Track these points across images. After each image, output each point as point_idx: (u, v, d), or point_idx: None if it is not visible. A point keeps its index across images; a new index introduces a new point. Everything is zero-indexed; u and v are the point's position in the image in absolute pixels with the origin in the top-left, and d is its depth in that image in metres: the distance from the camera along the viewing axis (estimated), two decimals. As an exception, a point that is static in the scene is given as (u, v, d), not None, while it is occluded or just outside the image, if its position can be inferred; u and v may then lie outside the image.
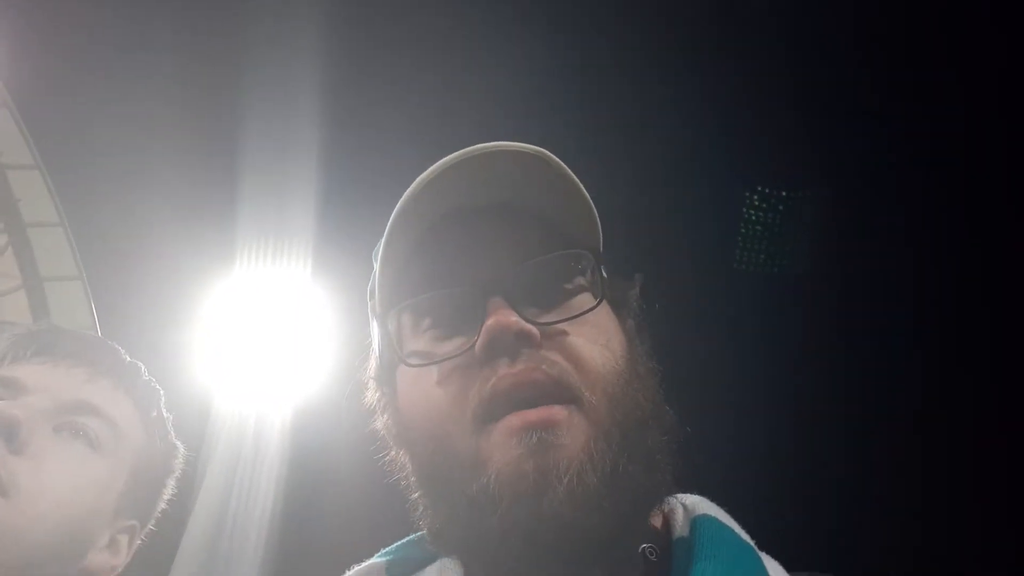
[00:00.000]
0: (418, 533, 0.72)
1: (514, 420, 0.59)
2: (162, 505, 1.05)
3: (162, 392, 1.05)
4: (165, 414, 1.04)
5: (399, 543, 0.74)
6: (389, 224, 0.67)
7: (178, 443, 1.06)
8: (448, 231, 0.68)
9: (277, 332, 4.36)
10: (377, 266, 0.70)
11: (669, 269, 4.17)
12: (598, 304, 0.66)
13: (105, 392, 0.93)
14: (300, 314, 4.40)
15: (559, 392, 0.61)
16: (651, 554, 0.63)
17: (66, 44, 4.09)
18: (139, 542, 1.02)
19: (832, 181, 4.52)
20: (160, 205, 4.38)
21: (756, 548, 0.66)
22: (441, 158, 0.67)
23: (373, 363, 0.76)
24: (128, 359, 1.02)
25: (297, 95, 4.03)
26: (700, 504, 0.69)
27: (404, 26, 4.19)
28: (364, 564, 0.72)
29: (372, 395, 0.76)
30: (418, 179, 0.66)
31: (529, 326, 0.62)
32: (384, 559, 0.72)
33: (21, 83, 4.28)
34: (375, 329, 0.74)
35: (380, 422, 0.74)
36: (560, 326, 0.64)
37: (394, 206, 0.68)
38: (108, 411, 0.91)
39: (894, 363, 4.59)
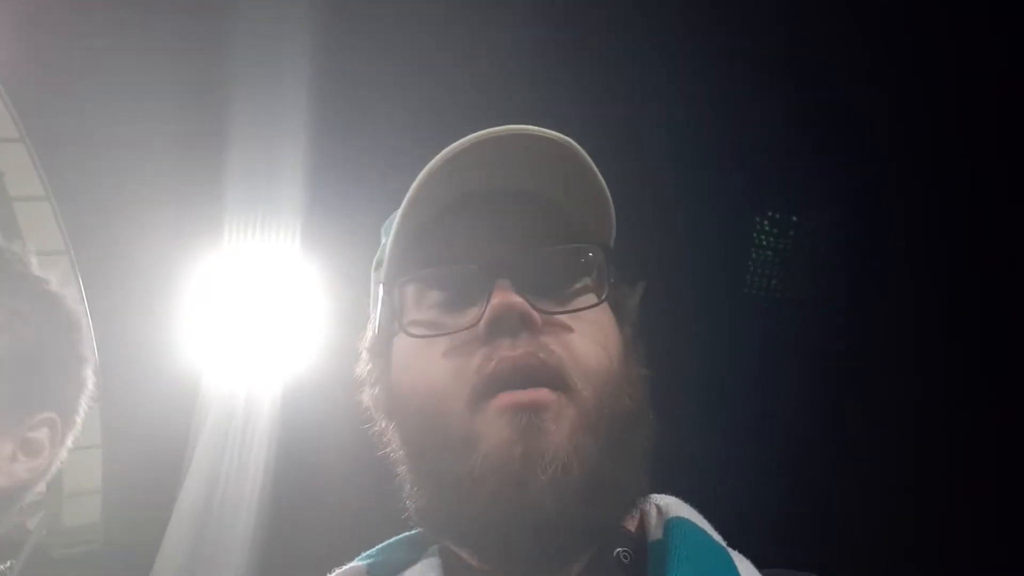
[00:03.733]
0: (400, 536, 0.73)
1: (506, 399, 0.60)
2: (86, 385, 0.98)
3: (30, 263, 0.97)
4: (46, 289, 0.97)
5: (381, 546, 0.74)
6: (406, 199, 0.67)
7: (73, 309, 0.98)
8: (463, 211, 0.69)
9: (266, 307, 4.34)
10: (388, 239, 0.71)
11: (677, 293, 4.16)
12: (600, 302, 0.68)
13: None
14: (289, 289, 4.38)
15: (552, 379, 0.62)
16: (625, 558, 0.64)
17: (50, 14, 4.02)
18: (69, 436, 0.94)
19: (844, 207, 4.51)
20: (147, 179, 4.34)
21: (728, 549, 0.67)
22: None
23: (369, 334, 0.76)
24: None
25: (286, 67, 3.98)
26: (673, 506, 0.70)
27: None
28: (346, 567, 0.73)
29: (363, 366, 0.77)
30: (440, 154, 0.66)
31: (532, 311, 0.63)
32: (366, 562, 0.72)
33: (3, 55, 4.21)
34: (378, 299, 0.75)
35: (369, 394, 0.75)
36: (561, 318, 0.65)
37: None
38: None
39: (902, 388, 4.61)
